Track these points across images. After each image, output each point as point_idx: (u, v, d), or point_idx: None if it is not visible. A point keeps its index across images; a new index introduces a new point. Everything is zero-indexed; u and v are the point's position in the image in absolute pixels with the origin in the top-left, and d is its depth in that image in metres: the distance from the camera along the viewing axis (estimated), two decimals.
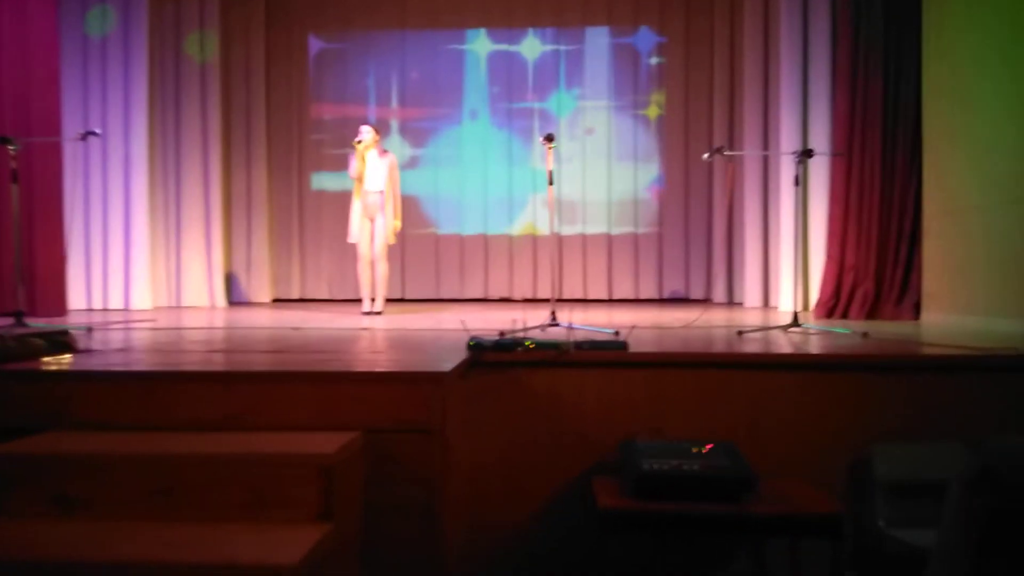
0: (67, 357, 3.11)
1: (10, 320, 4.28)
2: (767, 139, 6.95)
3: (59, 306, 5.84)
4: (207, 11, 7.47)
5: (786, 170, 6.20)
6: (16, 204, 4.37)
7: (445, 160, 8.24)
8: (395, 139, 8.21)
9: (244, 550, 2.03)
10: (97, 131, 5.03)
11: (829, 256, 5.60)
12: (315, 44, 8.35)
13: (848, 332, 4.15)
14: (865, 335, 4.02)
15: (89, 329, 4.13)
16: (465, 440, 3.11)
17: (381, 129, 7.88)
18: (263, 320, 5.84)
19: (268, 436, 2.50)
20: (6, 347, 2.98)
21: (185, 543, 2.07)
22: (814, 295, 5.87)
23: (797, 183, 4.42)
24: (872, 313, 5.36)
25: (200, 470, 2.31)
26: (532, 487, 3.17)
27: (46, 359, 3.02)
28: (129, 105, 6.89)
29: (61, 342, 3.28)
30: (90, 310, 6.67)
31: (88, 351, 3.36)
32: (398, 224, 6.01)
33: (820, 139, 6.02)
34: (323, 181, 8.31)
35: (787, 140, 6.23)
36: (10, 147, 4.30)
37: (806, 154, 4.44)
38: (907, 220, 5.38)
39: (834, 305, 5.46)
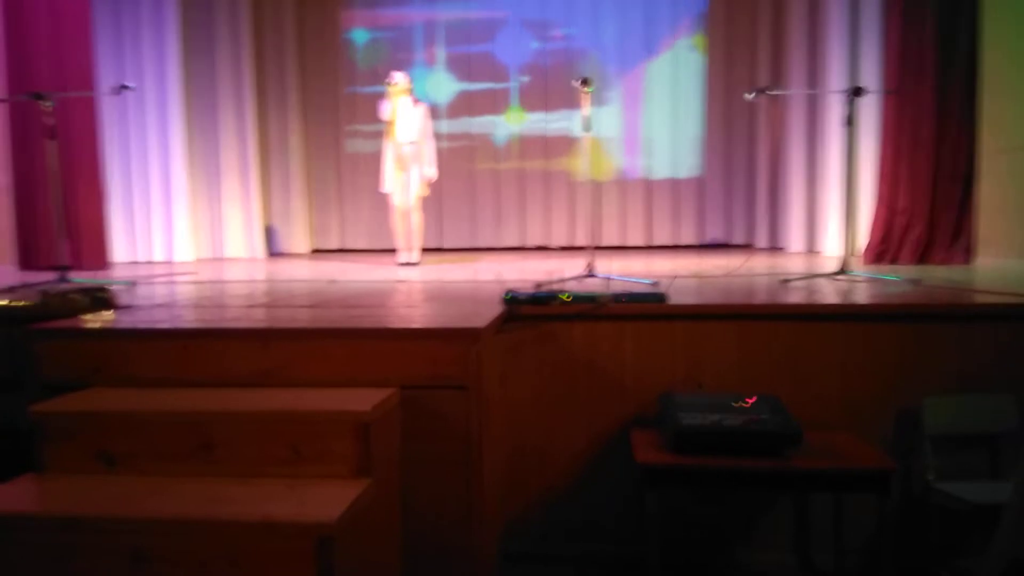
0: (108, 313, 3.15)
1: (54, 275, 4.33)
2: (814, 78, 6.66)
3: (102, 260, 5.91)
4: None
5: (834, 110, 5.94)
6: (54, 159, 4.39)
7: (480, 100, 8.08)
8: (438, 76, 8.07)
9: (284, 507, 2.04)
10: (131, 85, 5.01)
11: (879, 198, 5.38)
12: None
13: (898, 279, 4.00)
14: (916, 282, 3.88)
15: (132, 284, 4.17)
16: (502, 394, 3.10)
17: (427, 62, 7.77)
18: (302, 272, 5.87)
19: (306, 392, 2.51)
20: (48, 304, 3.02)
21: (226, 500, 2.09)
22: (862, 239, 5.67)
23: (848, 123, 4.21)
24: (924, 258, 5.15)
25: (240, 426, 2.33)
26: (570, 440, 3.15)
27: (87, 316, 3.05)
28: (163, 57, 6.86)
29: (102, 298, 3.32)
30: (135, 263, 6.77)
31: (129, 307, 3.40)
32: (433, 174, 5.92)
33: (870, 77, 5.73)
34: (358, 135, 8.22)
35: (836, 78, 5.95)
36: (44, 103, 4.29)
37: (856, 92, 4.22)
38: (961, 160, 5.12)
39: (884, 250, 5.26)
